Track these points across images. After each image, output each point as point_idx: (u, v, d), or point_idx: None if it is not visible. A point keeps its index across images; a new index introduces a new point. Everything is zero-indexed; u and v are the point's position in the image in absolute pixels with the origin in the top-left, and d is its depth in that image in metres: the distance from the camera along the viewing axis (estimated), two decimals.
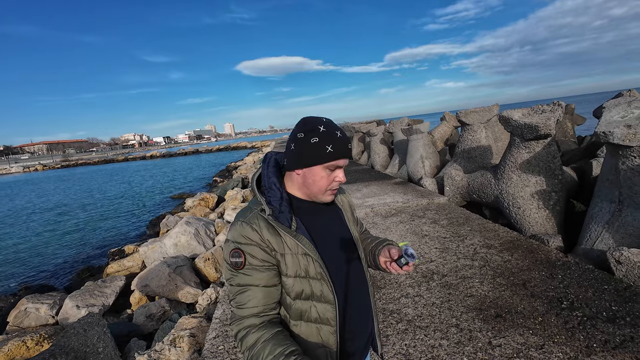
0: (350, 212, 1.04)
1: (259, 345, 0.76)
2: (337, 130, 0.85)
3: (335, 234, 0.93)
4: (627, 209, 2.62)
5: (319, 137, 0.82)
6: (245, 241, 0.81)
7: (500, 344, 1.74)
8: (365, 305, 0.97)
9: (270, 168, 0.90)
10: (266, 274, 0.81)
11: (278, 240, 0.82)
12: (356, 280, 0.95)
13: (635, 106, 2.58)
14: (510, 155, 3.75)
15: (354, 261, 0.95)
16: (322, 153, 0.82)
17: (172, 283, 3.67)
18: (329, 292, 0.84)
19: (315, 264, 0.83)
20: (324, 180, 0.85)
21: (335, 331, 0.85)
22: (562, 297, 2.11)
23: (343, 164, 0.86)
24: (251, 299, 0.80)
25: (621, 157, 2.57)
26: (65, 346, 2.33)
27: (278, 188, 0.87)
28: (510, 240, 3.08)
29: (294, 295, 0.83)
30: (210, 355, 1.91)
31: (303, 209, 0.89)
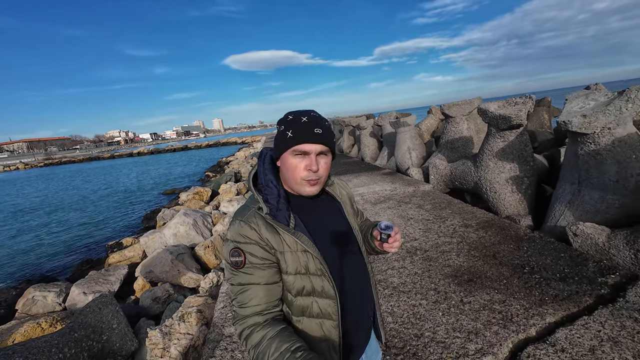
0: (350, 204, 1.03)
1: (264, 343, 0.76)
2: (303, 117, 0.83)
3: (334, 229, 0.93)
4: (585, 190, 2.98)
5: (284, 124, 0.84)
6: (244, 240, 0.81)
7: (470, 301, 2.05)
8: (366, 297, 0.98)
9: (266, 165, 0.89)
10: (267, 271, 0.82)
11: (277, 239, 0.82)
12: (357, 273, 0.95)
13: (592, 98, 2.92)
14: (487, 145, 4.08)
15: (354, 254, 0.95)
16: (284, 139, 0.82)
17: (174, 269, 3.88)
18: (329, 288, 0.84)
19: (315, 261, 0.83)
20: (293, 169, 0.83)
21: (337, 325, 0.85)
22: (525, 264, 2.44)
23: (310, 149, 0.82)
24: (253, 297, 0.81)
25: (579, 143, 2.90)
26: (83, 322, 2.54)
27: (275, 185, 0.86)
28: (486, 220, 3.42)
29: (295, 292, 0.84)
30: (220, 322, 2.16)
31: (300, 205, 0.88)
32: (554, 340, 1.62)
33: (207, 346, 1.92)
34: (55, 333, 2.36)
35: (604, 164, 2.76)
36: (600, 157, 2.77)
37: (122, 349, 2.60)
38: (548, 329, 1.73)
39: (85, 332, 2.47)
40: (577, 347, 1.56)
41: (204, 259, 4.31)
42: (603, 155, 2.75)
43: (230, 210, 6.16)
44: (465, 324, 1.84)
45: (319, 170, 0.84)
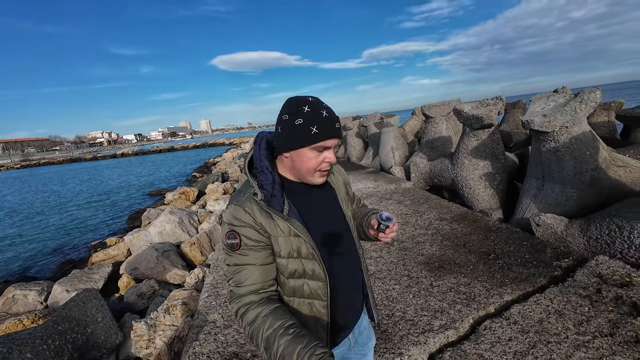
0: (345, 190, 1.05)
1: (259, 320, 0.80)
2: (322, 110, 0.83)
3: (327, 215, 0.96)
4: (548, 184, 3.22)
5: (303, 118, 0.81)
6: (239, 223, 0.84)
7: (439, 284, 2.22)
8: (356, 280, 1.02)
9: (262, 150, 0.90)
10: (261, 253, 0.85)
11: (271, 223, 0.84)
12: (347, 258, 0.98)
13: (552, 99, 3.17)
14: (462, 143, 4.32)
15: (346, 239, 0.98)
16: (307, 134, 0.81)
17: (160, 265, 3.92)
18: (320, 271, 0.87)
19: (307, 245, 0.85)
20: (312, 162, 0.84)
21: (326, 305, 0.89)
22: (491, 251, 2.64)
23: (331, 144, 0.85)
24: (249, 276, 0.84)
25: (542, 141, 3.15)
26: (67, 316, 2.56)
27: (270, 171, 0.87)
28: (460, 214, 3.62)
29: (288, 274, 0.87)
30: (205, 310, 2.25)
31: (295, 191, 0.90)
32: (508, 314, 1.80)
33: (191, 331, 2.00)
34: (40, 326, 2.38)
35: (563, 159, 3.01)
36: (560, 154, 3.02)
37: (107, 342, 2.64)
38: (505, 306, 1.91)
39: (70, 325, 2.50)
40: (528, 319, 1.74)
41: (189, 256, 4.35)
42: (562, 151, 3.00)
43: (216, 209, 6.20)
44: (433, 304, 2.00)
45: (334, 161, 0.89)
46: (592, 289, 1.93)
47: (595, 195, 2.92)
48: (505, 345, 1.59)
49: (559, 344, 1.55)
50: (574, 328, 1.64)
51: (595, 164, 2.90)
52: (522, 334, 1.65)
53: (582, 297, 1.87)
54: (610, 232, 2.40)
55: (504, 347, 1.58)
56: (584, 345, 1.53)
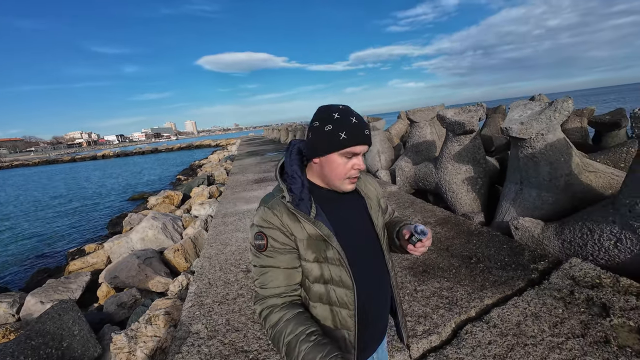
0: (376, 201, 1.03)
1: (281, 324, 0.80)
2: (352, 117, 0.85)
3: (356, 222, 0.95)
4: (526, 188, 3.35)
5: (332, 124, 0.83)
6: (267, 225, 0.85)
7: (422, 289, 2.27)
8: (385, 294, 0.99)
9: (293, 156, 0.93)
10: (287, 256, 0.85)
11: (297, 226, 0.85)
12: (376, 268, 0.97)
13: (529, 107, 3.31)
14: (446, 148, 4.43)
15: (374, 249, 0.97)
16: (336, 140, 0.83)
17: (142, 273, 3.80)
18: (347, 278, 0.86)
19: (333, 250, 0.85)
20: (340, 168, 0.86)
21: (353, 315, 0.86)
22: (472, 255, 2.72)
23: (360, 150, 0.86)
24: (273, 279, 0.85)
25: (520, 147, 3.27)
26: (41, 330, 2.45)
27: (299, 176, 0.89)
28: (444, 217, 3.71)
29: (313, 279, 0.86)
30: (188, 320, 2.20)
31: (324, 197, 0.91)
32: (488, 318, 1.86)
33: (173, 343, 1.96)
34: (11, 341, 2.26)
35: (539, 165, 3.14)
36: (536, 159, 3.15)
37: (84, 356, 2.54)
38: (485, 310, 1.97)
39: (44, 340, 2.39)
40: (507, 322, 1.81)
41: (173, 263, 4.25)
42: (538, 157, 3.13)
43: (201, 213, 6.08)
44: (417, 309, 2.04)
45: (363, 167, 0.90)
46: (565, 291, 2.02)
47: (569, 199, 3.06)
48: (485, 349, 1.64)
49: (535, 346, 1.61)
50: (549, 330, 1.71)
51: (568, 170, 3.04)
52: (501, 337, 1.70)
53: (557, 299, 1.95)
54: (582, 235, 2.52)
55: (484, 350, 1.63)
56: (557, 346, 1.59)
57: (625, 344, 1.56)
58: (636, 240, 2.17)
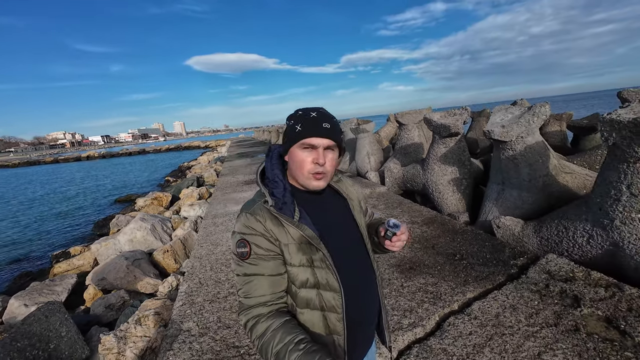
0: (358, 202, 1.04)
1: (268, 334, 0.78)
2: (313, 112, 0.87)
3: (339, 224, 0.94)
4: (507, 189, 3.51)
5: (294, 120, 0.87)
6: (249, 232, 0.83)
7: (408, 285, 2.36)
8: (372, 295, 0.98)
9: (274, 161, 0.92)
10: (272, 262, 0.83)
11: (281, 231, 0.84)
12: (361, 269, 0.96)
13: (510, 112, 3.47)
14: (432, 150, 4.57)
15: (359, 250, 0.96)
16: (293, 133, 0.86)
17: (130, 275, 3.77)
18: (334, 280, 0.85)
19: (319, 253, 0.84)
20: (301, 162, 0.86)
21: (342, 318, 0.85)
22: (456, 252, 2.83)
23: (318, 143, 0.84)
24: (258, 287, 0.82)
25: (501, 149, 3.42)
26: (27, 332, 2.42)
27: (281, 180, 0.88)
28: (430, 217, 3.83)
29: (299, 284, 0.84)
30: (179, 319, 2.22)
31: (306, 200, 0.90)
32: (470, 311, 1.96)
33: (165, 341, 1.97)
34: None
35: (519, 166, 3.29)
36: (517, 161, 3.30)
37: (72, 357, 2.51)
38: (467, 303, 2.07)
39: (30, 342, 2.36)
40: (486, 314, 1.91)
41: (162, 264, 4.22)
42: (518, 159, 3.28)
43: (191, 215, 6.05)
44: (403, 304, 2.12)
45: (326, 164, 0.86)
46: (541, 284, 2.14)
47: (547, 199, 3.23)
48: (466, 339, 1.73)
49: (512, 335, 1.71)
50: (525, 320, 1.82)
51: (546, 171, 3.20)
52: (481, 327, 1.80)
53: (533, 292, 2.07)
54: (558, 232, 2.67)
55: (465, 340, 1.72)
56: (532, 335, 1.70)
57: (593, 332, 1.68)
58: (606, 236, 2.32)
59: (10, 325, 3.26)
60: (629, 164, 2.12)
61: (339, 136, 0.89)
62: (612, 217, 2.24)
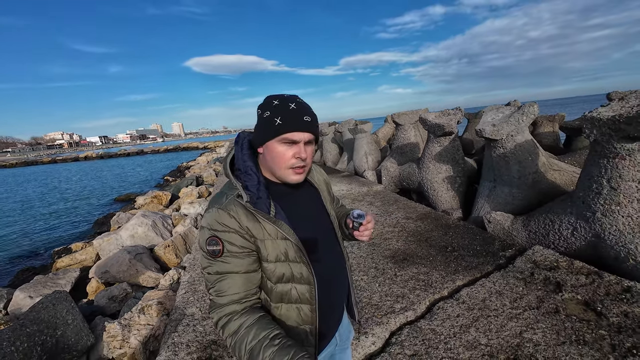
0: (327, 190, 1.04)
1: (242, 331, 0.76)
2: (291, 103, 0.81)
3: (312, 216, 0.94)
4: (498, 186, 3.63)
5: (270, 110, 0.81)
6: (222, 228, 0.79)
7: (402, 274, 2.47)
8: (342, 281, 1.01)
9: (245, 150, 0.87)
10: (246, 260, 0.81)
11: (257, 227, 0.80)
12: (334, 259, 0.97)
13: (501, 111, 3.60)
14: (427, 149, 4.70)
15: (332, 240, 0.98)
16: (271, 127, 0.80)
17: (132, 268, 3.86)
18: (308, 274, 0.85)
19: (294, 248, 0.83)
20: (280, 157, 0.81)
21: (314, 309, 0.87)
22: (448, 245, 2.95)
23: (299, 137, 0.81)
24: (231, 286, 0.79)
25: (492, 147, 3.56)
26: (35, 318, 2.51)
27: (254, 172, 0.84)
28: (424, 213, 3.95)
29: (276, 279, 0.83)
30: (182, 305, 2.33)
31: (279, 192, 0.87)
32: (458, 296, 2.07)
33: (169, 324, 2.08)
34: (7, 328, 2.32)
35: (509, 164, 3.43)
36: (507, 159, 3.43)
37: (78, 344, 2.61)
38: (456, 290, 2.19)
39: (38, 327, 2.45)
40: (474, 299, 2.03)
41: (163, 259, 4.31)
42: (509, 157, 3.41)
43: (191, 212, 6.14)
44: (396, 290, 2.24)
45: (307, 158, 0.84)
46: (527, 272, 2.26)
47: (536, 195, 3.36)
48: (453, 321, 1.85)
49: (496, 317, 1.83)
50: (509, 304, 1.94)
51: (535, 168, 3.33)
52: (468, 310, 1.92)
53: (519, 279, 2.19)
54: (545, 225, 2.80)
55: (453, 322, 1.84)
56: (515, 317, 1.82)
57: (572, 314, 1.80)
58: (589, 228, 2.44)
59: (15, 316, 3.34)
60: (609, 159, 2.25)
61: (318, 129, 0.87)
62: (594, 209, 2.37)
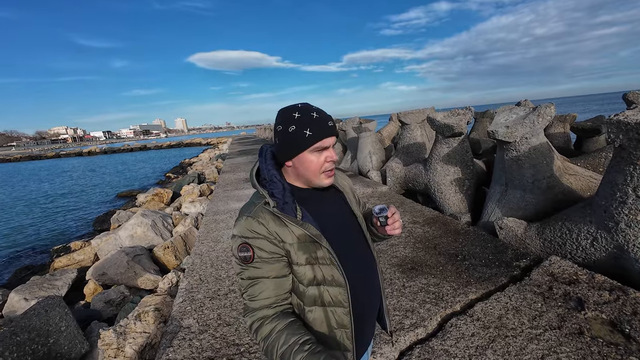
0: (352, 194, 1.05)
1: (273, 336, 0.79)
2: (312, 112, 0.85)
3: (340, 218, 0.96)
4: (510, 190, 3.48)
5: (295, 124, 0.84)
6: (252, 235, 0.82)
7: (410, 285, 2.34)
8: (375, 284, 1.00)
9: (269, 160, 0.91)
10: (276, 265, 0.83)
11: (285, 231, 0.83)
12: (364, 261, 0.97)
13: (514, 112, 3.44)
14: (435, 150, 4.54)
15: (360, 242, 0.98)
16: (302, 139, 0.83)
17: (130, 270, 3.76)
18: (339, 276, 0.86)
19: (323, 250, 0.85)
20: (314, 165, 0.86)
21: (348, 312, 0.87)
22: (459, 253, 2.81)
23: (329, 143, 0.86)
24: (263, 290, 0.83)
25: (505, 150, 3.40)
26: (26, 326, 2.41)
27: (279, 180, 0.88)
28: (432, 217, 3.81)
29: (307, 282, 0.85)
30: (179, 315, 2.21)
31: (305, 198, 0.90)
32: (472, 312, 1.94)
33: (164, 337, 1.96)
34: None
35: (523, 167, 3.27)
36: (520, 162, 3.27)
37: (72, 352, 2.51)
38: (470, 304, 2.06)
39: (29, 336, 2.35)
40: (489, 316, 1.89)
41: (163, 260, 4.21)
42: (522, 160, 3.25)
43: (192, 211, 6.04)
44: (404, 304, 2.11)
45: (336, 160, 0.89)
46: (545, 286, 2.12)
47: (550, 201, 3.20)
48: (468, 341, 1.71)
49: (515, 338, 1.70)
50: (528, 323, 1.80)
51: (550, 172, 3.18)
52: (484, 329, 1.78)
53: (536, 294, 2.05)
54: (562, 234, 2.65)
55: (467, 342, 1.71)
56: (536, 337, 1.68)
57: (597, 335, 1.66)
58: (610, 239, 2.29)
59: (10, 319, 3.26)
60: (636, 167, 2.10)
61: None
62: (617, 219, 2.22)
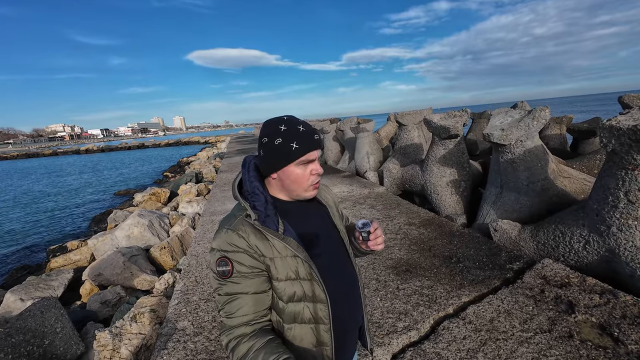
0: (335, 208, 1.04)
1: (250, 355, 0.76)
2: (299, 125, 0.85)
3: (322, 232, 0.93)
4: (505, 192, 3.50)
5: (282, 137, 0.83)
6: (232, 249, 0.80)
7: (404, 287, 2.36)
8: (356, 301, 0.98)
9: (252, 172, 0.89)
10: (255, 280, 0.81)
11: (266, 245, 0.81)
12: (346, 276, 0.96)
13: (510, 115, 3.46)
14: (431, 152, 4.56)
15: (342, 257, 0.97)
16: (288, 152, 0.82)
17: (127, 271, 3.77)
18: (320, 292, 0.84)
19: (304, 265, 0.82)
20: (300, 177, 0.85)
21: (329, 329, 0.85)
22: (453, 255, 2.83)
23: (315, 156, 0.86)
24: (241, 307, 0.80)
25: (500, 152, 3.42)
26: (22, 327, 2.41)
27: (261, 192, 0.86)
28: (428, 219, 3.83)
29: (287, 298, 0.83)
30: (174, 317, 2.22)
31: (288, 211, 0.88)
32: (464, 315, 1.96)
33: (159, 340, 1.97)
34: None
35: (518, 170, 3.29)
36: (515, 165, 3.29)
37: (67, 353, 2.52)
38: (462, 307, 2.08)
39: (25, 337, 2.35)
40: (481, 319, 1.91)
41: (159, 261, 4.22)
42: (517, 163, 3.28)
43: (189, 211, 6.04)
44: (398, 306, 2.12)
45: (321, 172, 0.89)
46: (537, 289, 2.14)
47: (544, 203, 3.23)
48: (460, 344, 1.73)
49: (506, 341, 1.72)
50: (519, 326, 1.82)
51: (545, 175, 3.20)
52: (475, 332, 1.81)
53: (528, 297, 2.07)
54: (555, 237, 2.67)
55: (459, 345, 1.73)
56: (526, 341, 1.70)
57: (586, 339, 1.69)
58: (602, 242, 2.32)
59: (5, 320, 3.25)
60: (627, 171, 2.12)
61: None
62: (609, 223, 2.24)
